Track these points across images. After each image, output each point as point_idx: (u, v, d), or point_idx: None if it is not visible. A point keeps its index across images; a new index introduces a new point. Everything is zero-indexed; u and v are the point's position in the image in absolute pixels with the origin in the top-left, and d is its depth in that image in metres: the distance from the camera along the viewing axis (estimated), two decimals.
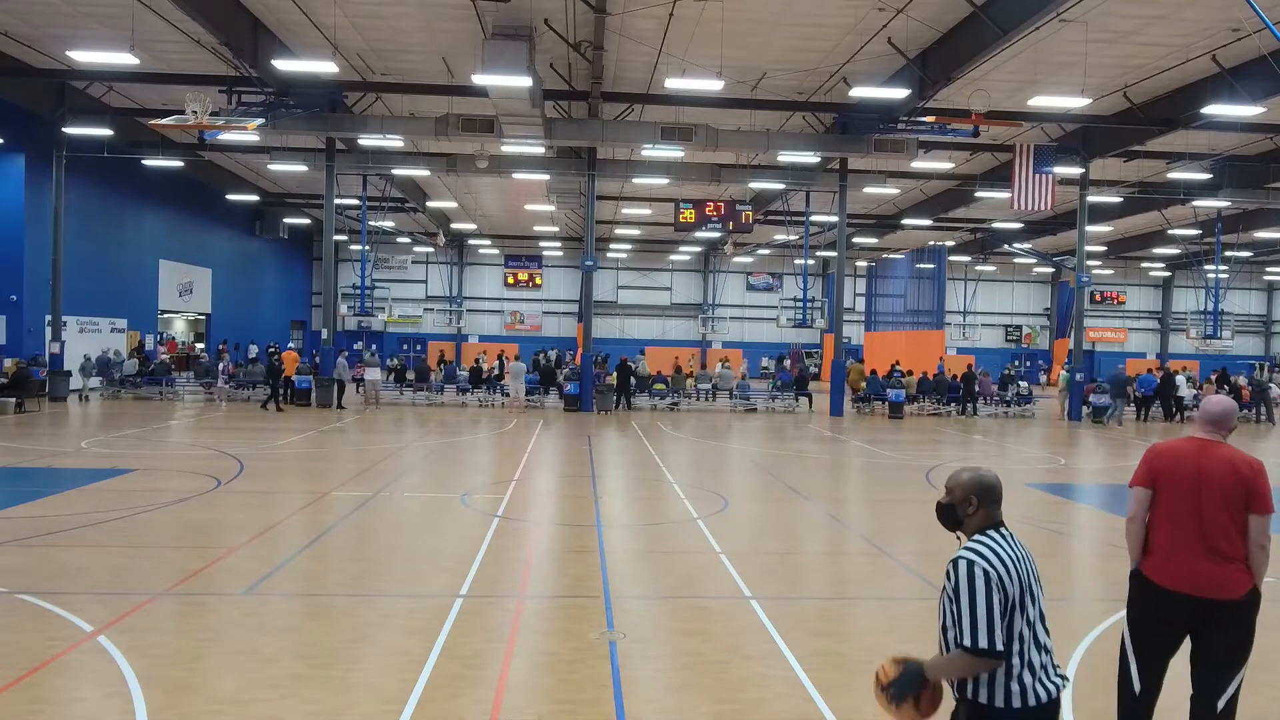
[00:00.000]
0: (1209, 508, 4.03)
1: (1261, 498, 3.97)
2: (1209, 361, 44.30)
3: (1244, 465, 4.03)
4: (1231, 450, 4.11)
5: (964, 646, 2.81)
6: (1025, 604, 2.88)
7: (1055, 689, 2.89)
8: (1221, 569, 4.00)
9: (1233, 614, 4.02)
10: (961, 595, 2.85)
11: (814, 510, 11.50)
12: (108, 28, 18.60)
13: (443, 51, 20.17)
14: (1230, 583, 3.99)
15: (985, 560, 2.87)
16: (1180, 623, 4.16)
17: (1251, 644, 4.09)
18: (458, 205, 38.51)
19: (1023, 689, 2.83)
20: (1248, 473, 4.01)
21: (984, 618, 2.79)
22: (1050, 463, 16.82)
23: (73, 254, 25.40)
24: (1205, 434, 4.21)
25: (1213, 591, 4.01)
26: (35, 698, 5.01)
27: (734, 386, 28.37)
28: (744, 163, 28.32)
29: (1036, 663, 2.87)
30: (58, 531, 8.97)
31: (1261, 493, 3.98)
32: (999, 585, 2.83)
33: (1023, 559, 2.95)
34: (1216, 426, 4.20)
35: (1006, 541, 2.97)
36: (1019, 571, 2.89)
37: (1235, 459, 4.07)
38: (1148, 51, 18.76)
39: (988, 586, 2.82)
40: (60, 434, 17.65)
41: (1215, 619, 4.05)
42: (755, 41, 18.90)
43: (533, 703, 5.12)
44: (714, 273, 50.46)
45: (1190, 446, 4.19)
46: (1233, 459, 4.07)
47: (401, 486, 12.29)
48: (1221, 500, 4.01)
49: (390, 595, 7.20)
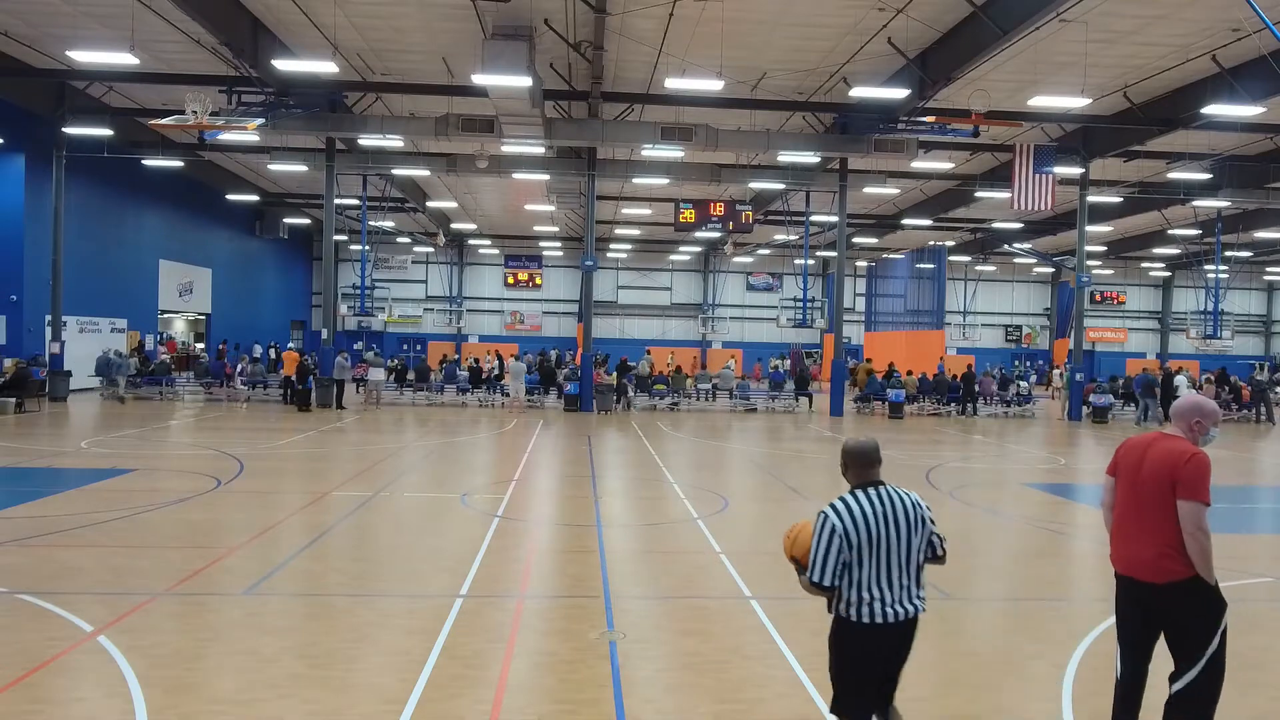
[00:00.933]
0: (1144, 494, 4.17)
1: (1188, 484, 4.01)
2: (1209, 361, 44.28)
3: (1179, 454, 4.09)
4: (1177, 441, 4.18)
5: (807, 575, 3.72)
6: (873, 549, 3.66)
7: (894, 615, 3.69)
8: (1152, 552, 4.11)
9: (1176, 600, 4.09)
10: (812, 538, 3.73)
11: (814, 510, 11.47)
12: (108, 28, 18.60)
13: (443, 51, 20.17)
14: (1159, 566, 4.09)
15: (836, 515, 3.69)
16: (1138, 606, 4.24)
17: (1208, 640, 4.06)
18: (458, 205, 38.51)
19: (870, 611, 3.68)
20: (1178, 460, 4.07)
21: (820, 558, 3.68)
22: (1050, 463, 16.82)
23: (73, 254, 25.40)
24: (1170, 429, 4.32)
25: (1146, 574, 4.13)
26: (35, 698, 5.02)
27: (734, 386, 28.37)
28: (744, 163, 28.31)
29: (878, 594, 3.68)
30: (58, 531, 8.97)
31: (1188, 479, 4.01)
32: (841, 535, 3.66)
33: (883, 515, 3.69)
34: (1177, 420, 4.29)
35: (870, 499, 3.73)
36: (869, 525, 3.66)
37: (1175, 448, 4.14)
38: (1148, 51, 18.76)
39: (830, 535, 3.66)
40: (60, 434, 17.65)
41: (1163, 604, 4.13)
42: (755, 41, 18.90)
43: (533, 703, 5.12)
44: (714, 273, 50.45)
45: (1149, 439, 4.31)
46: (1172, 448, 4.14)
47: (401, 486, 12.29)
48: (1154, 486, 4.12)
49: (390, 595, 7.20)
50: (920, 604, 3.78)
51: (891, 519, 3.71)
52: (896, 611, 3.70)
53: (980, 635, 6.60)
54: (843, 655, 3.82)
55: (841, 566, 3.67)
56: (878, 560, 3.67)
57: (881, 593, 3.69)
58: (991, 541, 10.02)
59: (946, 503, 12.16)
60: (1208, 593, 4.07)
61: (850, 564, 3.68)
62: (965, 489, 13.27)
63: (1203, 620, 4.08)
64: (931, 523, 3.84)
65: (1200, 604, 4.08)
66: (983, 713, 5.16)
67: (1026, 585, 8.12)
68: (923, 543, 3.79)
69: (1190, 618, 4.10)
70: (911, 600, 3.74)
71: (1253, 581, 8.10)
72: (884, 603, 3.69)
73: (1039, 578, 8.37)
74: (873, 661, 3.78)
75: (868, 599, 3.68)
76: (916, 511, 3.77)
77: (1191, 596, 4.06)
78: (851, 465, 3.86)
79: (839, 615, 3.79)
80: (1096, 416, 26.06)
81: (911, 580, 3.75)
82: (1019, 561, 9.04)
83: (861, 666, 3.79)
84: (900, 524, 3.72)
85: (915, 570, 3.76)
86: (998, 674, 5.75)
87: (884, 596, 3.69)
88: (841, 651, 3.82)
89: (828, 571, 3.66)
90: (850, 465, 3.87)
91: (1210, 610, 4.09)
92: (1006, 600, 7.64)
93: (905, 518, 3.74)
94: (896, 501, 3.75)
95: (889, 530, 3.69)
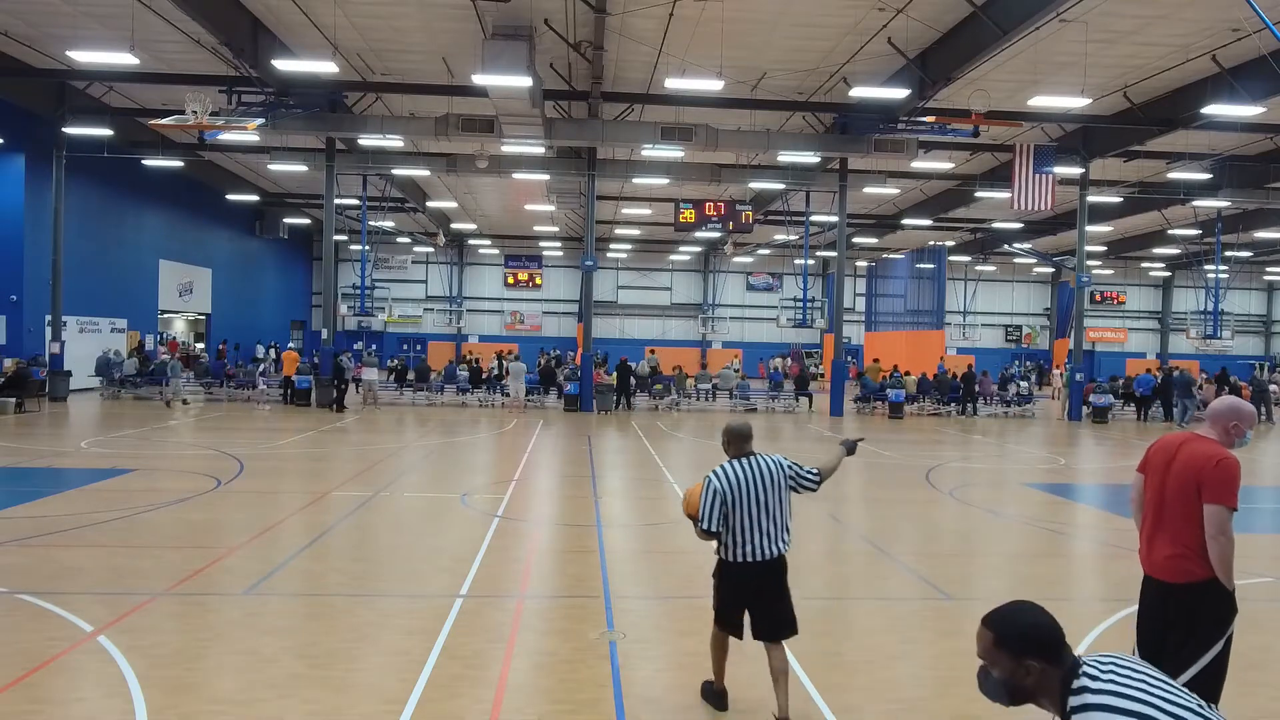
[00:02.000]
0: (1170, 494, 4.16)
1: (1213, 487, 3.99)
2: (1209, 362, 44.27)
3: (1205, 456, 4.07)
4: (1208, 444, 4.14)
5: (700, 525, 4.74)
6: (744, 504, 4.69)
7: (760, 554, 4.70)
8: (1172, 551, 4.12)
9: (1185, 601, 4.09)
10: (700, 497, 4.76)
11: (814, 510, 11.50)
12: (108, 28, 18.60)
13: (443, 51, 20.17)
14: (1178, 567, 4.10)
15: (717, 478, 4.73)
16: (1159, 606, 4.23)
17: (1211, 643, 4.04)
18: (458, 205, 38.50)
19: (742, 553, 4.72)
20: (1205, 463, 4.04)
21: (706, 511, 4.71)
22: (1050, 463, 16.82)
23: (73, 254, 25.40)
24: (1204, 429, 4.28)
25: (1166, 574, 4.15)
26: (35, 698, 5.02)
27: (734, 386, 28.37)
28: (744, 163, 28.31)
29: (747, 539, 4.71)
30: (58, 531, 8.97)
31: (1215, 482, 3.99)
32: (719, 492, 4.70)
33: (752, 477, 4.73)
34: (1212, 422, 4.26)
35: (743, 466, 4.77)
36: (741, 485, 4.70)
37: (1203, 450, 4.11)
38: (1148, 51, 18.76)
39: (713, 495, 4.70)
40: (60, 434, 17.65)
41: (1179, 603, 4.12)
42: (755, 41, 18.90)
43: (533, 703, 5.12)
44: (714, 273, 50.45)
45: (1180, 439, 4.28)
46: (1201, 450, 4.11)
47: (401, 486, 12.29)
48: (1180, 487, 4.11)
49: (390, 595, 7.20)
50: (785, 546, 4.78)
51: (758, 479, 4.74)
52: (762, 552, 4.71)
53: None
54: (721, 585, 4.89)
55: (721, 517, 4.69)
56: (748, 512, 4.70)
57: (750, 537, 4.71)
58: (991, 541, 10.01)
59: (946, 503, 12.17)
60: (1222, 597, 4.04)
61: (728, 515, 4.70)
62: (965, 489, 13.27)
63: (1211, 624, 4.05)
64: (794, 467, 4.87)
65: (1212, 607, 4.05)
66: (983, 713, 5.15)
67: (1026, 585, 8.12)
68: (786, 493, 4.80)
69: (1200, 620, 4.07)
70: (775, 544, 4.74)
71: (1253, 581, 8.09)
72: (752, 545, 4.71)
73: (1039, 578, 8.37)
74: (742, 590, 4.78)
75: (741, 543, 4.71)
76: (779, 470, 4.79)
77: (1206, 599, 4.05)
78: (731, 441, 4.89)
79: (720, 556, 4.84)
80: (1096, 417, 26.07)
81: (777, 528, 4.75)
82: (1019, 561, 9.04)
83: (734, 594, 4.81)
84: (766, 483, 4.74)
85: (781, 519, 4.76)
86: None
87: (752, 539, 4.71)
88: (720, 582, 4.89)
89: (713, 520, 4.70)
90: (730, 441, 4.89)
91: (1221, 615, 4.05)
92: (1006, 600, 7.62)
93: (770, 477, 4.76)
94: (762, 466, 4.78)
95: (756, 488, 4.72)
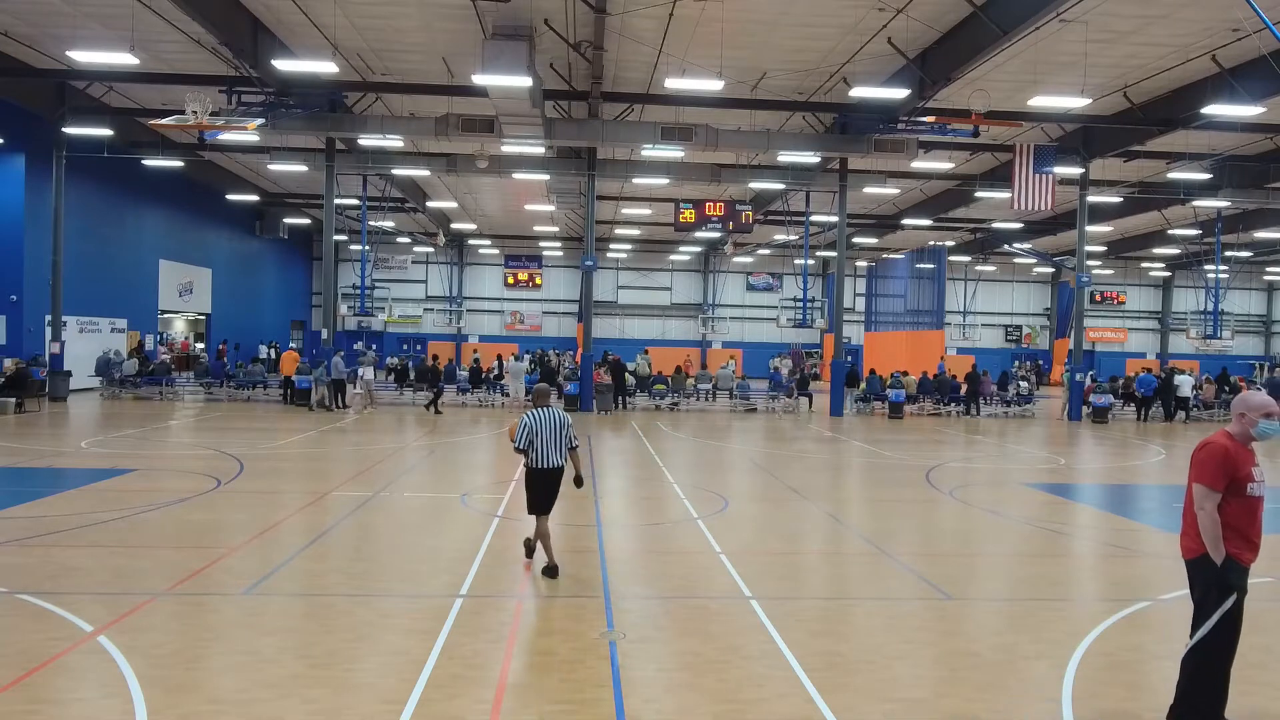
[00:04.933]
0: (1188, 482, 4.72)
1: (1194, 467, 4.58)
2: (1209, 362, 44.26)
3: (1198, 445, 4.62)
4: (1217, 435, 4.62)
5: (514, 444, 7.82)
6: (540, 434, 7.69)
7: (550, 463, 7.75)
8: (1182, 533, 4.74)
9: (1190, 576, 4.69)
10: (517, 428, 7.77)
11: (814, 510, 11.50)
12: (108, 28, 18.60)
13: (443, 51, 20.17)
14: (1184, 545, 4.71)
15: (529, 417, 7.76)
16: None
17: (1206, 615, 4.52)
18: (458, 205, 38.50)
19: (539, 462, 7.76)
20: (1195, 450, 4.62)
21: (520, 436, 7.73)
22: (1050, 463, 16.82)
23: (73, 254, 25.40)
24: (1231, 425, 4.72)
25: (1182, 553, 4.73)
26: (35, 698, 5.02)
27: (734, 386, 28.36)
28: (744, 163, 28.30)
29: (543, 454, 7.72)
30: (58, 531, 8.98)
31: (1195, 464, 4.58)
32: (526, 426, 7.71)
33: (546, 420, 7.76)
34: (1233, 416, 4.70)
35: (543, 413, 7.79)
36: (540, 423, 7.72)
37: (1203, 440, 4.63)
38: (1148, 51, 18.76)
39: (523, 426, 7.72)
40: (60, 434, 17.65)
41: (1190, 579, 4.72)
42: (755, 41, 18.90)
43: (533, 703, 5.12)
44: (714, 273, 50.44)
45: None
46: (1202, 441, 4.63)
47: (401, 486, 12.29)
48: (1189, 475, 4.68)
49: (390, 595, 7.21)
50: (563, 460, 7.80)
51: (550, 421, 7.77)
52: (550, 462, 7.76)
53: (980, 635, 6.59)
54: (529, 485, 7.83)
55: (528, 441, 7.71)
56: (543, 439, 7.71)
57: (545, 453, 7.74)
58: (991, 541, 10.01)
59: (947, 503, 12.17)
60: (1213, 570, 4.50)
61: (532, 439, 7.70)
62: (965, 489, 13.27)
63: (1207, 595, 4.53)
64: (570, 428, 7.88)
65: (1206, 579, 4.53)
66: (983, 713, 5.15)
67: (1026, 585, 8.12)
68: (565, 435, 7.80)
69: (1198, 591, 4.60)
70: (558, 459, 7.78)
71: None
72: (545, 458, 7.75)
73: (1039, 578, 8.37)
74: (540, 486, 7.75)
75: (539, 457, 7.73)
76: (562, 421, 7.84)
77: (1200, 572, 4.58)
78: (537, 397, 8.02)
79: (526, 465, 7.85)
80: (1096, 417, 26.06)
81: (558, 451, 7.77)
82: (1019, 561, 9.03)
83: (536, 489, 7.77)
84: (554, 424, 7.78)
85: (560, 446, 7.77)
86: (998, 674, 5.74)
87: (546, 455, 7.74)
88: (528, 484, 7.83)
89: (522, 441, 7.74)
90: (536, 397, 8.02)
91: (1213, 586, 4.50)
92: (1006, 600, 7.64)
93: (557, 422, 7.80)
94: (553, 415, 7.83)
95: (548, 426, 7.76)
